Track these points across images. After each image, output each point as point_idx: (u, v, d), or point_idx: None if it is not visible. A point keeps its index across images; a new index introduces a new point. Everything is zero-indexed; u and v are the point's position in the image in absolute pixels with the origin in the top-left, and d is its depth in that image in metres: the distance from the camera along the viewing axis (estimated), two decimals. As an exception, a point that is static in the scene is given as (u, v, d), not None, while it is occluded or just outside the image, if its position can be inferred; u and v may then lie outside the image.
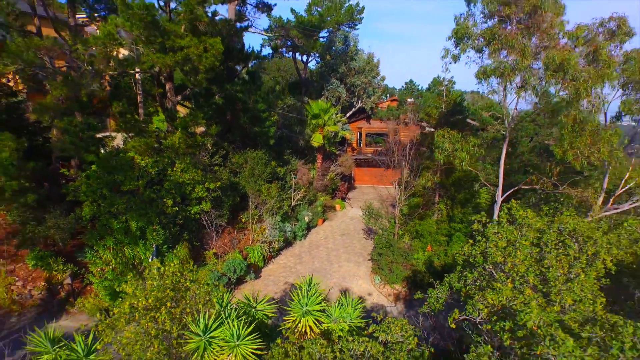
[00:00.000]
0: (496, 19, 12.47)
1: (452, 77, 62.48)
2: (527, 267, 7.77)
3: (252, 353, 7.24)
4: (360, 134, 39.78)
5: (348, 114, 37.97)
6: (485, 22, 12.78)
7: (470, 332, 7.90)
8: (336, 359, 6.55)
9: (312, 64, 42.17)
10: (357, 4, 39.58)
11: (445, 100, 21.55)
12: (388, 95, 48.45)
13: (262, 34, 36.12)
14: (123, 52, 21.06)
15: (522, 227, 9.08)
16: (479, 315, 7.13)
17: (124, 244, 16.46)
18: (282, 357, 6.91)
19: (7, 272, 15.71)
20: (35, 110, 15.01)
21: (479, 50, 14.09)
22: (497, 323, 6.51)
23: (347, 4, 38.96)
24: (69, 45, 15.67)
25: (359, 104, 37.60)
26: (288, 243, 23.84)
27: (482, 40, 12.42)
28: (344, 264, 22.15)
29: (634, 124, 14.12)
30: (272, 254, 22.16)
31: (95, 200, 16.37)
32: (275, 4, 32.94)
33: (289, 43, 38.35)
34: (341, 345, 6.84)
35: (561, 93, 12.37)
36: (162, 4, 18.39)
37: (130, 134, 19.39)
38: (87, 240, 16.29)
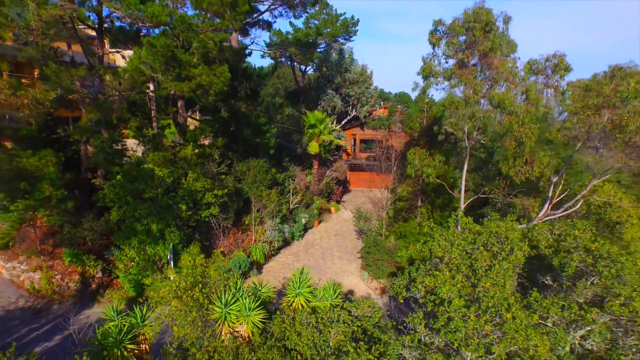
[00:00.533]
0: (455, 60, 15.41)
1: (431, 95, 65.63)
2: (460, 260, 10.72)
3: (260, 321, 10.16)
4: (355, 140, 42.75)
5: (343, 122, 40.92)
6: (447, 62, 15.76)
7: (413, 305, 10.81)
8: (317, 322, 9.45)
9: (310, 69, 44.95)
10: (352, 17, 42.37)
11: (426, 116, 24.51)
12: (382, 102, 51.36)
13: (263, 51, 38.95)
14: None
15: (465, 231, 12.05)
16: (419, 293, 10.06)
17: (145, 243, 19.42)
18: (280, 323, 9.80)
19: (47, 267, 18.66)
20: (74, 131, 17.94)
21: (446, 80, 17.03)
22: (427, 296, 9.44)
23: (342, 17, 41.74)
24: (99, 75, 18.59)
25: (353, 113, 40.55)
26: (287, 243, 26.79)
27: (444, 77, 15.36)
28: (336, 262, 25.10)
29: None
30: (272, 252, 25.09)
31: (121, 206, 19.30)
32: (275, 21, 35.90)
33: (287, 54, 41.38)
34: (322, 314, 9.73)
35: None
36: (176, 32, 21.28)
37: (147, 147, 22.35)
38: (115, 240, 19.25)
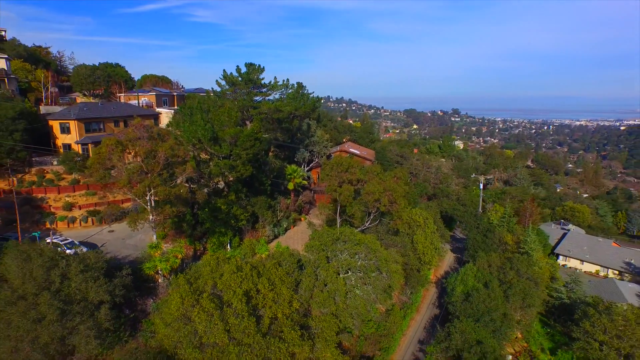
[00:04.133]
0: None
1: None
2: (333, 250, 41.71)
3: (267, 254, 40.89)
4: (318, 175, 73.89)
5: (311, 164, 72.06)
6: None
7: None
8: (281, 257, 39.93)
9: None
10: (317, 97, 73.39)
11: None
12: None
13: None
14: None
15: (345, 230, 43.44)
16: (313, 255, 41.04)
17: (219, 236, 50.40)
18: (272, 255, 40.26)
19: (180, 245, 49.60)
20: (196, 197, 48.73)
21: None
22: (319, 255, 40.41)
23: (310, 97, 72.52)
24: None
25: (316, 159, 71.64)
26: (276, 236, 57.77)
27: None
28: (299, 243, 56.15)
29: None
30: (269, 241, 56.05)
31: (210, 222, 50.17)
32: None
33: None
34: (285, 256, 40.24)
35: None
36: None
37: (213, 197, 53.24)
38: (208, 235, 50.27)
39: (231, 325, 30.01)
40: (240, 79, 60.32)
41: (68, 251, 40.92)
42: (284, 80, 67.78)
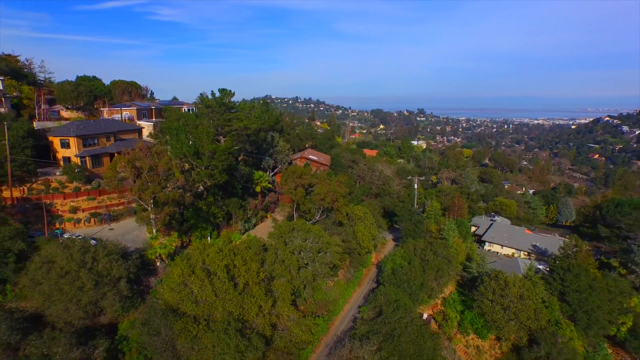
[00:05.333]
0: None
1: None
2: (289, 237, 56.88)
3: (240, 241, 55.59)
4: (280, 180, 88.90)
5: (275, 170, 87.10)
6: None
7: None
8: (250, 243, 54.51)
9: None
10: (280, 113, 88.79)
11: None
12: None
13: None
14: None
15: (299, 222, 58.79)
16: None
17: (201, 231, 64.68)
18: (243, 242, 54.67)
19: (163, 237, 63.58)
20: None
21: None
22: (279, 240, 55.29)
23: (274, 112, 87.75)
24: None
25: (279, 167, 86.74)
26: (247, 230, 72.48)
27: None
28: (265, 235, 71.08)
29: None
30: (241, 233, 70.75)
31: (194, 219, 64.34)
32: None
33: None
34: (253, 242, 54.86)
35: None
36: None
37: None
38: (193, 230, 64.50)
39: (216, 288, 44.81)
40: (215, 102, 74.34)
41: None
42: (251, 100, 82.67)
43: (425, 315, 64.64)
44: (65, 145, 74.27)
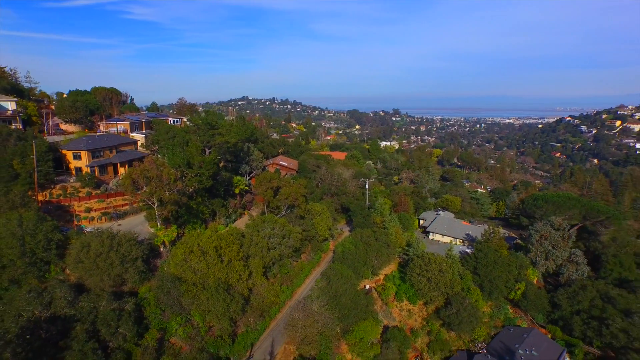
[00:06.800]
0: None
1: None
2: (261, 227, 76.77)
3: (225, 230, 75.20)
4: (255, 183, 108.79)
5: (251, 175, 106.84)
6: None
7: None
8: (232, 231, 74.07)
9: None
10: (254, 127, 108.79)
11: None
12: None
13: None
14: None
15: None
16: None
17: (193, 225, 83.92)
18: (229, 230, 74.30)
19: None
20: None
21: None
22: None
23: (249, 126, 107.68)
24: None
25: (254, 172, 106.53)
26: (228, 224, 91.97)
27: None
28: (243, 227, 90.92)
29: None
30: (225, 226, 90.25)
31: (186, 215, 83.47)
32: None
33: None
34: (233, 231, 74.44)
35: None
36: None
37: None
38: (186, 224, 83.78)
39: (208, 262, 64.60)
40: (201, 121, 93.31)
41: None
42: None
43: (367, 287, 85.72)
44: (77, 157, 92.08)
